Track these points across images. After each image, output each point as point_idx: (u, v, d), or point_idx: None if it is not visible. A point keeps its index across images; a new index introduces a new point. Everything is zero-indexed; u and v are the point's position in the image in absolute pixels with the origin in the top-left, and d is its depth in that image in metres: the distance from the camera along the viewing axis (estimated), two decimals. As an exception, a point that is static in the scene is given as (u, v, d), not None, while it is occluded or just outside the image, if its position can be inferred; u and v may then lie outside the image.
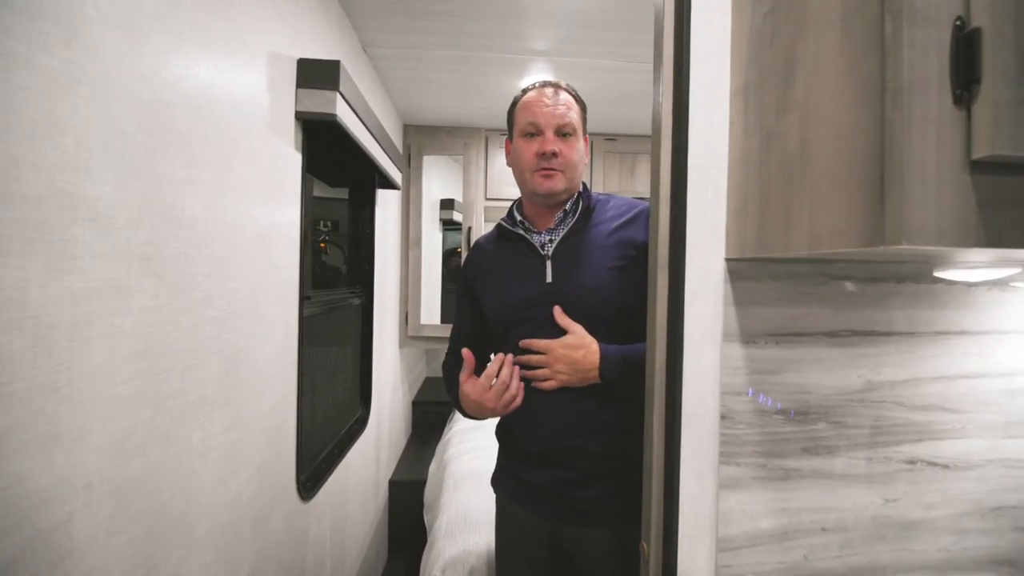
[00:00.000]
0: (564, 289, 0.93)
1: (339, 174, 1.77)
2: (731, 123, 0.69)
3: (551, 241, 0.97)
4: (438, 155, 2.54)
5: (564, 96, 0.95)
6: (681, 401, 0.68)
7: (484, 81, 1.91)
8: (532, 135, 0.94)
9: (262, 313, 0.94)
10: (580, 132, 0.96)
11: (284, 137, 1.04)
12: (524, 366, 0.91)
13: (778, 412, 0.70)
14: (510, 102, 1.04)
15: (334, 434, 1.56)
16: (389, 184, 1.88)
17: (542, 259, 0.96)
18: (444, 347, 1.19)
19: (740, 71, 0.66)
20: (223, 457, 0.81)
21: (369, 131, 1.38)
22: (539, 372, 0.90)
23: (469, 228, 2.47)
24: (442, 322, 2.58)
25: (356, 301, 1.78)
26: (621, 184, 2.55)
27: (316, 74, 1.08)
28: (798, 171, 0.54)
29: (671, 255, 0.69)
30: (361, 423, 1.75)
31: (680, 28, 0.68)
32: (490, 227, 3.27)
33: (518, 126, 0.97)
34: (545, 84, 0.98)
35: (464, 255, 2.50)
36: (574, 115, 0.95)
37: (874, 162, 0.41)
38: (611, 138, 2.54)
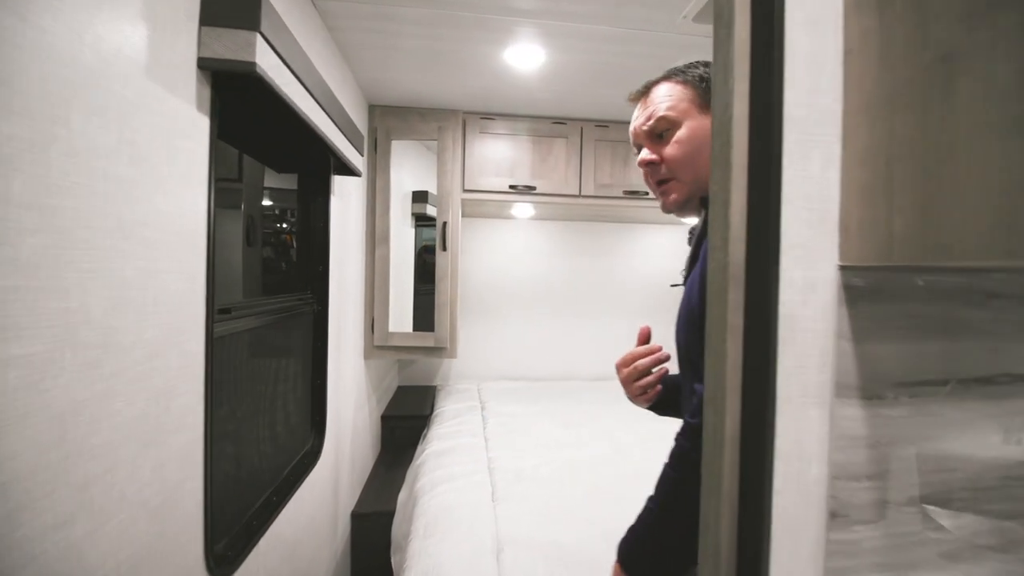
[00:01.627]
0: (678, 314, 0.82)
1: (290, 159, 1.48)
2: (848, 51, 0.43)
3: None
4: (409, 140, 2.25)
5: (660, 90, 0.79)
6: (770, 495, 0.42)
7: (461, 50, 1.63)
8: (638, 155, 0.83)
9: (128, 342, 0.64)
10: (692, 113, 0.76)
11: (178, 91, 0.74)
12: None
13: (909, 503, 0.46)
14: (490, 78, 0.82)
15: (273, 477, 1.27)
16: (348, 170, 1.58)
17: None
18: (418, 358, 0.91)
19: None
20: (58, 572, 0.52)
21: (312, 96, 1.09)
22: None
23: (444, 223, 2.19)
24: (415, 329, 2.30)
25: (307, 308, 1.49)
26: (613, 178, 2.31)
27: (227, 9, 0.79)
28: None
29: (750, 262, 0.44)
30: (312, 456, 1.46)
31: None
32: (469, 222, 2.99)
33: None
34: (638, 93, 0.84)
35: (439, 252, 2.22)
36: (667, 104, 0.77)
37: None
38: (602, 124, 2.29)
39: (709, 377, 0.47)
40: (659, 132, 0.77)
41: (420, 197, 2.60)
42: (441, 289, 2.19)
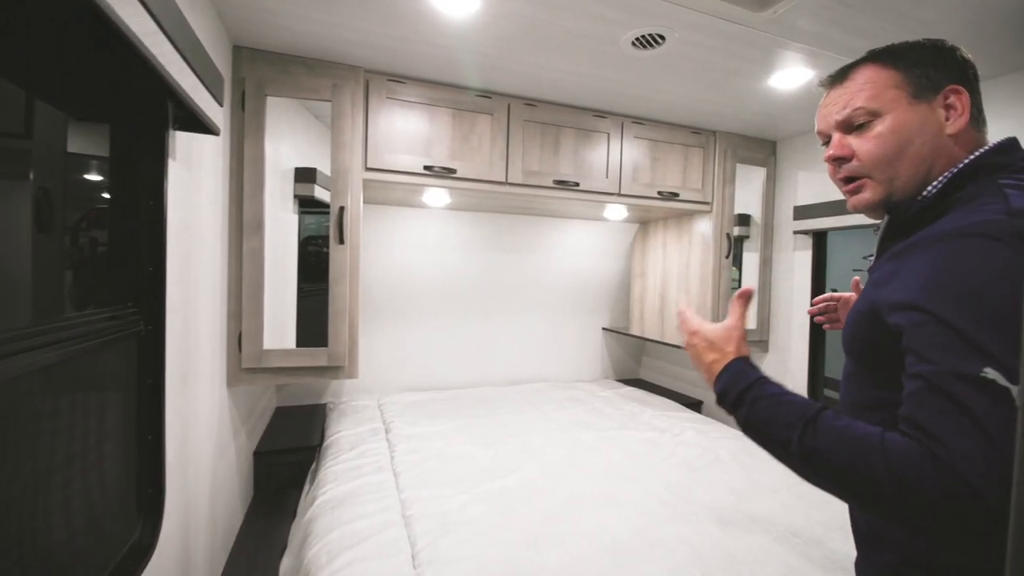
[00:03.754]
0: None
1: (102, 101, 0.95)
2: None
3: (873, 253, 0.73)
4: (292, 99, 1.75)
5: (863, 74, 0.68)
6: None
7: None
8: (825, 144, 0.73)
9: None
10: (900, 104, 0.65)
11: None
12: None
13: None
14: (404, 26, 0.61)
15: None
16: (199, 125, 1.09)
17: None
18: (306, 380, 0.58)
19: None
20: None
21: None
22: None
23: (341, 209, 1.74)
24: (301, 343, 1.81)
25: (128, 331, 0.98)
26: (543, 165, 2.04)
27: None
28: None
29: None
30: (138, 554, 0.96)
31: None
32: (373, 210, 2.52)
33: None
34: (832, 79, 0.73)
35: (334, 245, 1.76)
36: (869, 92, 0.66)
37: None
38: (531, 103, 2.01)
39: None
40: (857, 123, 0.67)
41: (306, 176, 2.08)
42: (337, 293, 1.74)
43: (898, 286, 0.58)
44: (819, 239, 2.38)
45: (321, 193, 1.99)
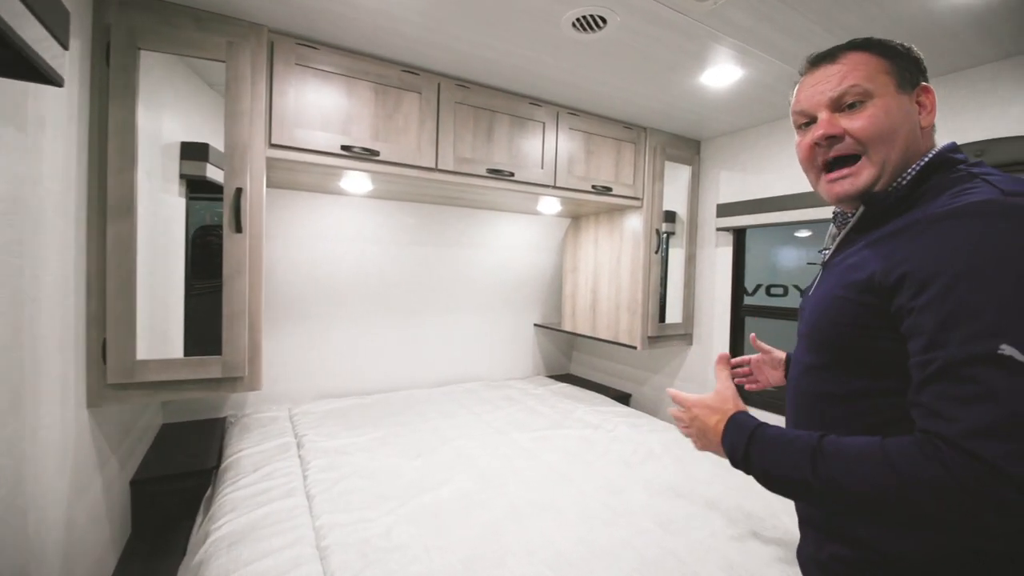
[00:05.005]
0: (806, 305, 0.75)
1: None
2: None
3: (835, 238, 0.75)
4: (175, 57, 1.45)
5: (853, 57, 0.67)
6: None
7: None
8: (805, 126, 0.72)
9: None
10: (889, 90, 0.65)
11: None
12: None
13: None
14: None
15: None
16: (31, 71, 0.81)
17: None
18: (196, 395, 0.38)
19: None
20: None
21: None
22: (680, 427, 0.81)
23: (238, 191, 1.48)
24: (190, 352, 1.52)
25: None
26: (475, 152, 1.90)
27: None
28: None
29: None
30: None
31: None
32: (279, 195, 2.22)
33: (794, 122, 0.75)
34: (820, 57, 0.71)
35: (229, 234, 1.49)
36: (864, 72, 0.66)
37: None
38: (463, 84, 1.87)
39: None
40: (849, 103, 0.67)
41: (196, 152, 1.76)
42: (234, 290, 1.48)
43: (900, 265, 0.57)
44: (739, 236, 2.49)
45: (215, 174, 1.69)
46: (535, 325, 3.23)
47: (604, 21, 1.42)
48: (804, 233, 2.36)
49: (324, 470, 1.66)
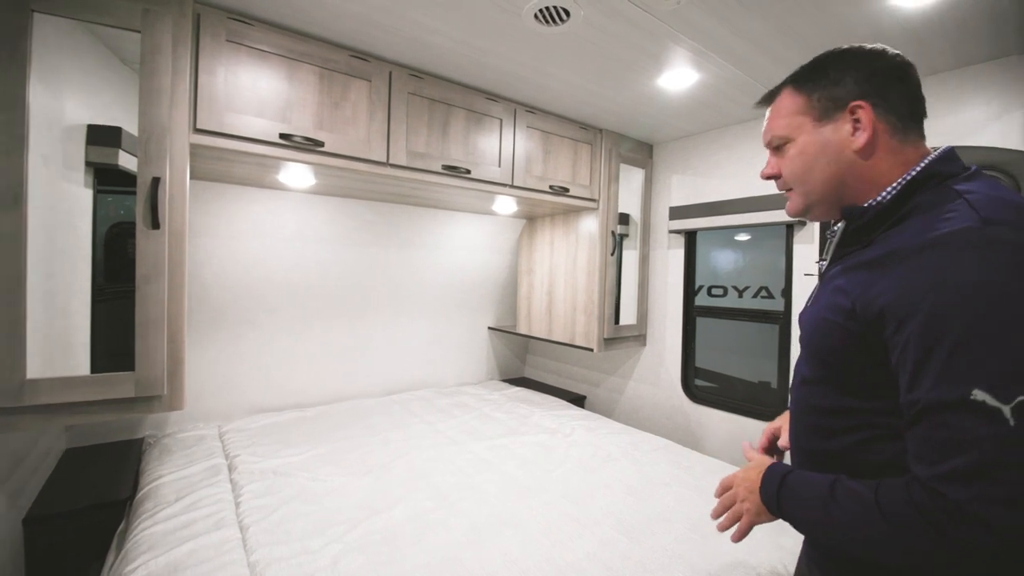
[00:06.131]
0: (803, 317, 0.76)
1: None
2: None
3: (827, 250, 0.75)
4: (77, 23, 1.24)
5: (778, 102, 0.76)
6: None
7: None
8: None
9: None
10: (806, 128, 0.71)
11: None
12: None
13: None
14: None
15: None
16: None
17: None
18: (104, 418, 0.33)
19: None
20: None
21: None
22: (730, 514, 0.77)
23: (155, 181, 1.29)
24: (98, 368, 1.31)
25: None
26: (430, 147, 1.80)
27: None
28: None
29: None
30: None
31: None
32: (207, 188, 2.00)
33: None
34: (764, 99, 0.79)
35: (144, 231, 1.30)
36: (781, 121, 0.74)
37: None
38: (417, 74, 1.75)
39: None
40: (776, 145, 0.76)
41: (105, 137, 1.53)
42: (149, 295, 1.29)
43: (880, 299, 0.57)
44: (690, 238, 2.54)
45: (130, 162, 1.48)
46: (489, 328, 3.15)
47: (567, 14, 1.37)
48: (744, 237, 2.44)
49: (260, 495, 1.50)
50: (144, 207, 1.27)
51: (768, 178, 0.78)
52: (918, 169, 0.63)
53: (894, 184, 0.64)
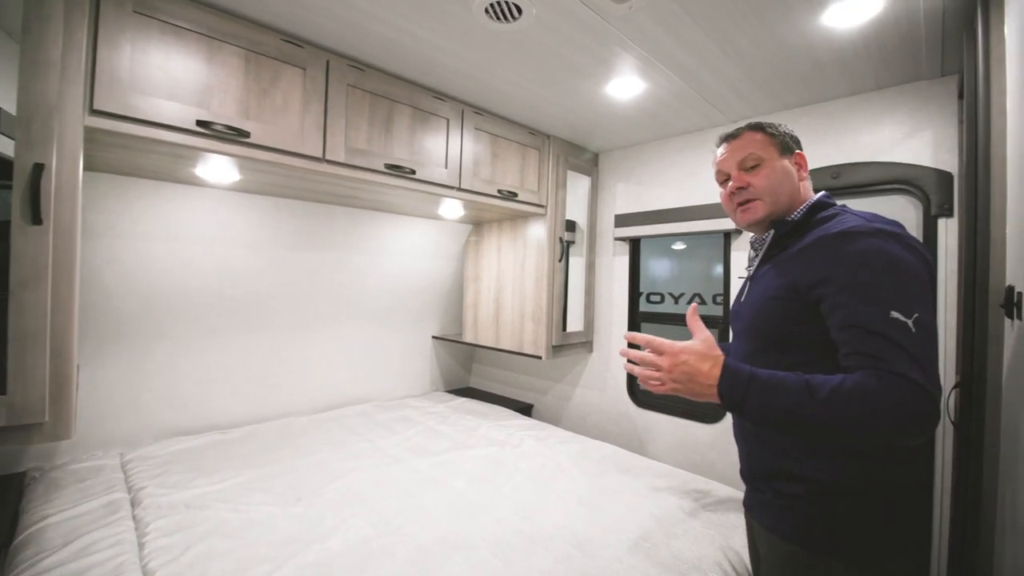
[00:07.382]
0: (741, 308, 1.00)
1: None
2: None
3: (755, 259, 1.04)
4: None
5: (750, 135, 1.00)
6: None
7: None
8: (724, 182, 1.04)
9: None
10: (774, 156, 0.98)
11: None
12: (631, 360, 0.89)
13: None
14: None
15: None
16: None
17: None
18: None
19: None
20: None
21: None
22: (646, 372, 0.85)
23: (37, 167, 1.09)
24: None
25: None
26: (372, 145, 1.68)
27: None
28: None
29: None
30: None
31: None
32: (108, 181, 1.75)
33: (716, 179, 1.06)
34: (729, 136, 1.03)
35: (21, 226, 1.08)
36: (758, 145, 0.98)
37: None
38: (357, 66, 1.64)
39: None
40: (749, 165, 0.98)
41: (-26, 116, 1.30)
42: (27, 304, 1.08)
43: (815, 270, 0.82)
44: (635, 245, 2.58)
45: (5, 145, 1.26)
46: (433, 337, 3.03)
47: (520, 12, 1.32)
48: (680, 246, 2.52)
49: (169, 533, 1.30)
50: (22, 199, 1.07)
51: (739, 189, 0.99)
52: (816, 198, 0.96)
53: (802, 207, 0.96)
